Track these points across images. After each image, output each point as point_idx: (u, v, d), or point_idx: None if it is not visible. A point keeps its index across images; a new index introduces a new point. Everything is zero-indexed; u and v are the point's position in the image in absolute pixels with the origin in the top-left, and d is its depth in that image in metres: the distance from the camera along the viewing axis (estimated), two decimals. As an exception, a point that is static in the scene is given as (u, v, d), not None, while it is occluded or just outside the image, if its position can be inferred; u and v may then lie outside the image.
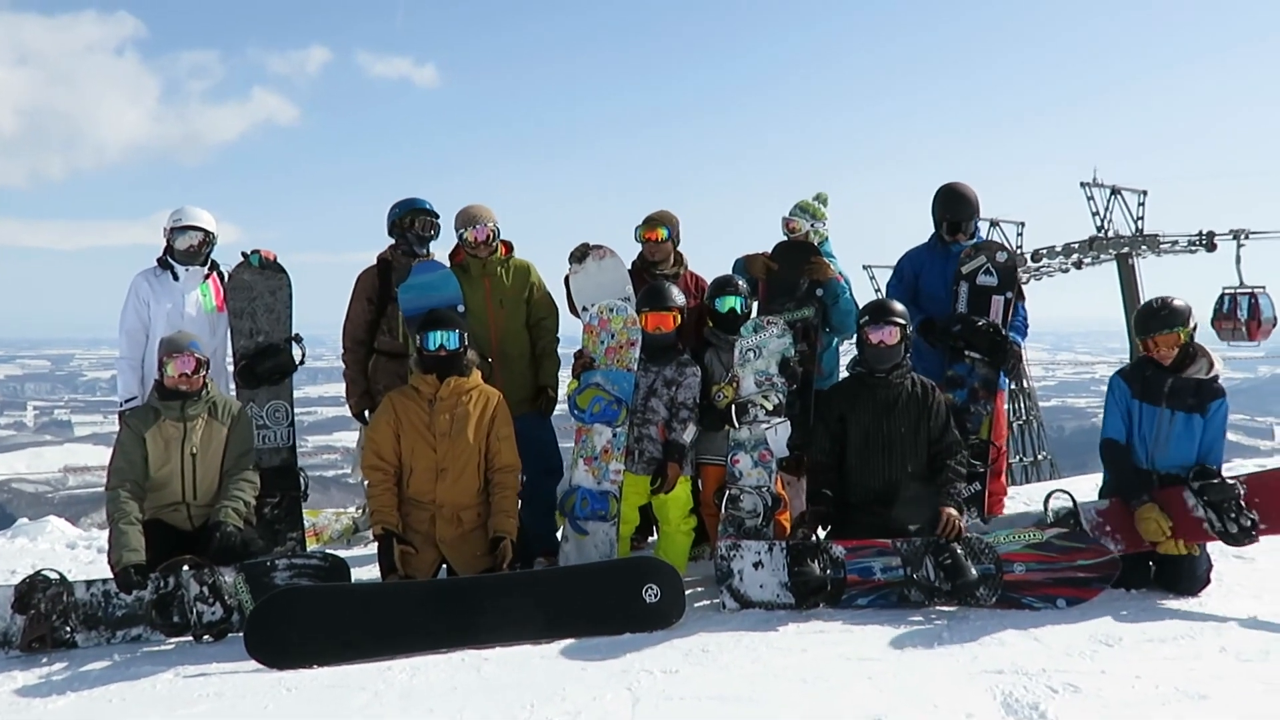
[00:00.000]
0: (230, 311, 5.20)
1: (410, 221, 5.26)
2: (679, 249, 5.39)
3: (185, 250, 5.13)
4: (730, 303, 4.93)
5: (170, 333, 4.76)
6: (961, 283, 5.16)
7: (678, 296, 4.81)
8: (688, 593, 4.22)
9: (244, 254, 5.24)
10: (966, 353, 5.09)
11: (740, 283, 4.99)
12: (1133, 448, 4.47)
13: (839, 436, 4.58)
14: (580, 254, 5.25)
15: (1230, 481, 4.25)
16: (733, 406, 4.68)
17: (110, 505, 4.29)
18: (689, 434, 4.71)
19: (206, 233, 5.16)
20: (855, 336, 4.67)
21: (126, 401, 5.03)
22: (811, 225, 5.26)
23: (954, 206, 5.28)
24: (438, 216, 5.30)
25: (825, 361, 5.30)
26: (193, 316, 5.09)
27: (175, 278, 5.12)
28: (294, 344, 5.26)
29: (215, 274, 5.26)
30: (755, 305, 5.14)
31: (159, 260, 5.17)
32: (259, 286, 5.22)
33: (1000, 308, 5.12)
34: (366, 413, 5.14)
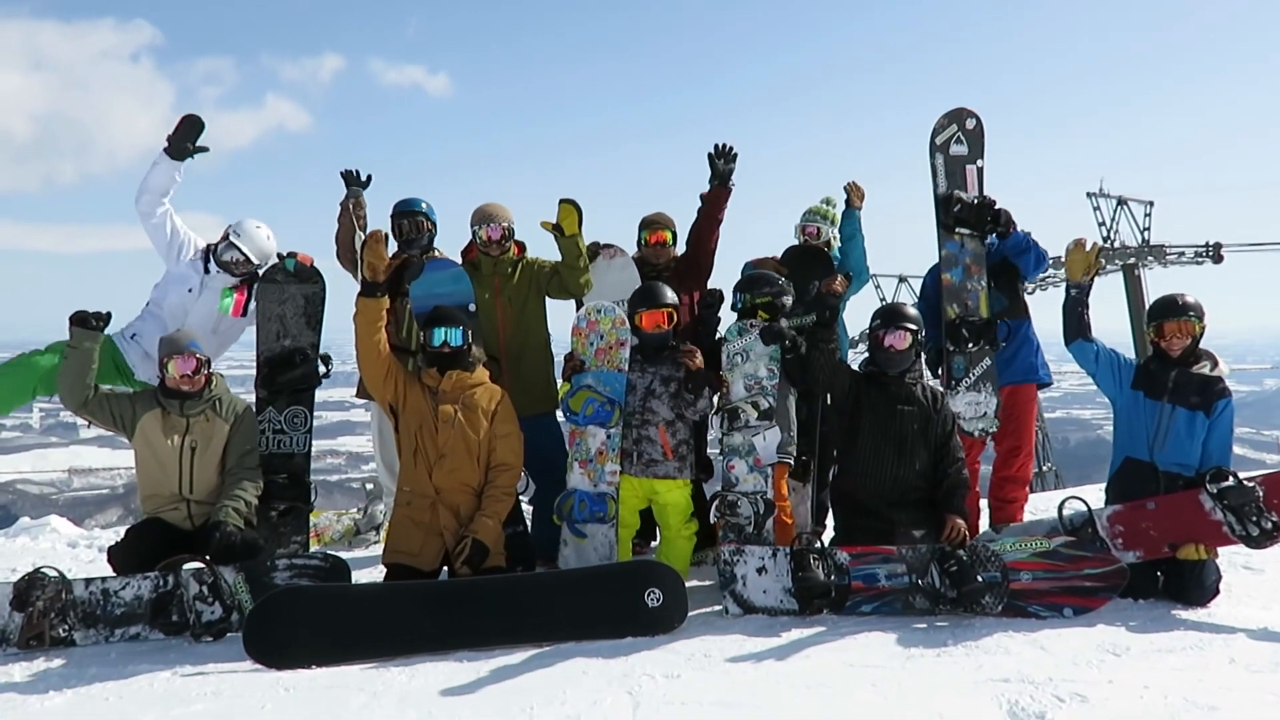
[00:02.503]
0: (259, 312, 5.14)
1: (397, 228, 5.24)
2: (676, 250, 5.39)
3: (224, 260, 5.10)
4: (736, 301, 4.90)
5: (183, 320, 4.87)
6: (937, 154, 5.23)
7: (671, 296, 4.78)
8: (690, 598, 4.18)
9: (279, 255, 5.18)
10: (957, 230, 5.12)
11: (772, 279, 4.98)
12: (1135, 442, 4.48)
13: (853, 411, 4.54)
14: (592, 253, 5.23)
15: (1248, 484, 4.21)
16: (722, 413, 4.66)
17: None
18: (702, 405, 4.66)
19: (247, 259, 5.10)
20: (869, 337, 4.63)
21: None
22: (830, 230, 5.34)
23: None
24: (426, 216, 5.26)
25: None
26: (205, 305, 5.05)
27: (207, 270, 5.11)
28: (322, 362, 5.18)
29: (247, 286, 5.18)
30: None
31: (205, 249, 5.15)
32: (291, 289, 5.14)
33: (975, 177, 5.23)
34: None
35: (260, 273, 5.16)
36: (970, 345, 5.00)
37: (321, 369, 5.19)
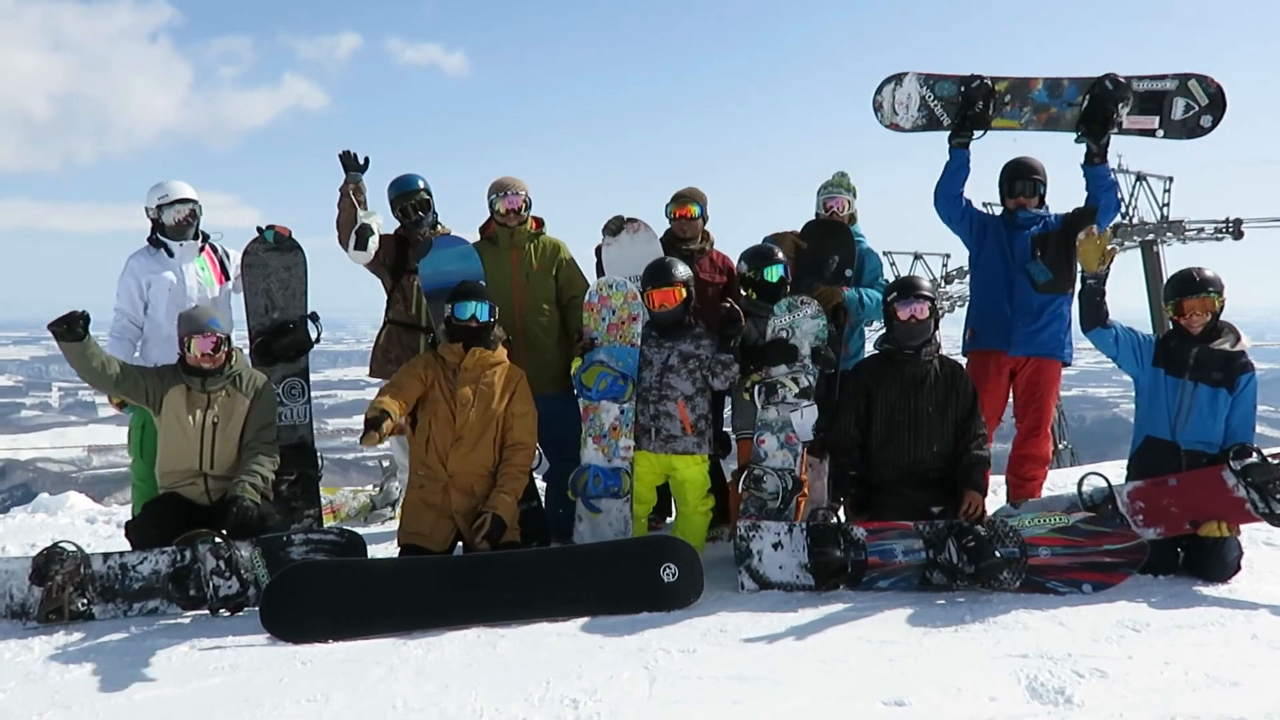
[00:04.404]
0: (245, 288, 5.16)
1: (399, 211, 5.19)
2: (707, 227, 5.32)
3: (175, 225, 5.01)
4: (779, 271, 4.89)
5: (186, 308, 4.76)
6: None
7: (682, 271, 4.72)
8: (706, 573, 4.16)
9: (259, 229, 5.18)
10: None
11: (779, 252, 4.95)
12: (1157, 420, 4.41)
13: (864, 414, 4.51)
14: (615, 227, 5.19)
15: (1272, 460, 4.15)
16: (760, 386, 4.63)
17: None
18: (734, 370, 4.65)
19: (193, 204, 5.05)
20: (883, 311, 4.60)
21: None
22: (852, 201, 5.29)
23: (1011, 170, 5.18)
24: (423, 191, 5.20)
25: (852, 343, 5.23)
26: (195, 292, 5.00)
27: (170, 254, 5.03)
28: (310, 322, 5.21)
29: (208, 246, 5.16)
30: None
31: (150, 240, 5.05)
32: (274, 263, 5.16)
33: None
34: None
35: (207, 232, 5.15)
36: None
37: (312, 332, 5.19)
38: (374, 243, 5.01)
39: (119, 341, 5.04)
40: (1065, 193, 5.27)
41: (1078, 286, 4.62)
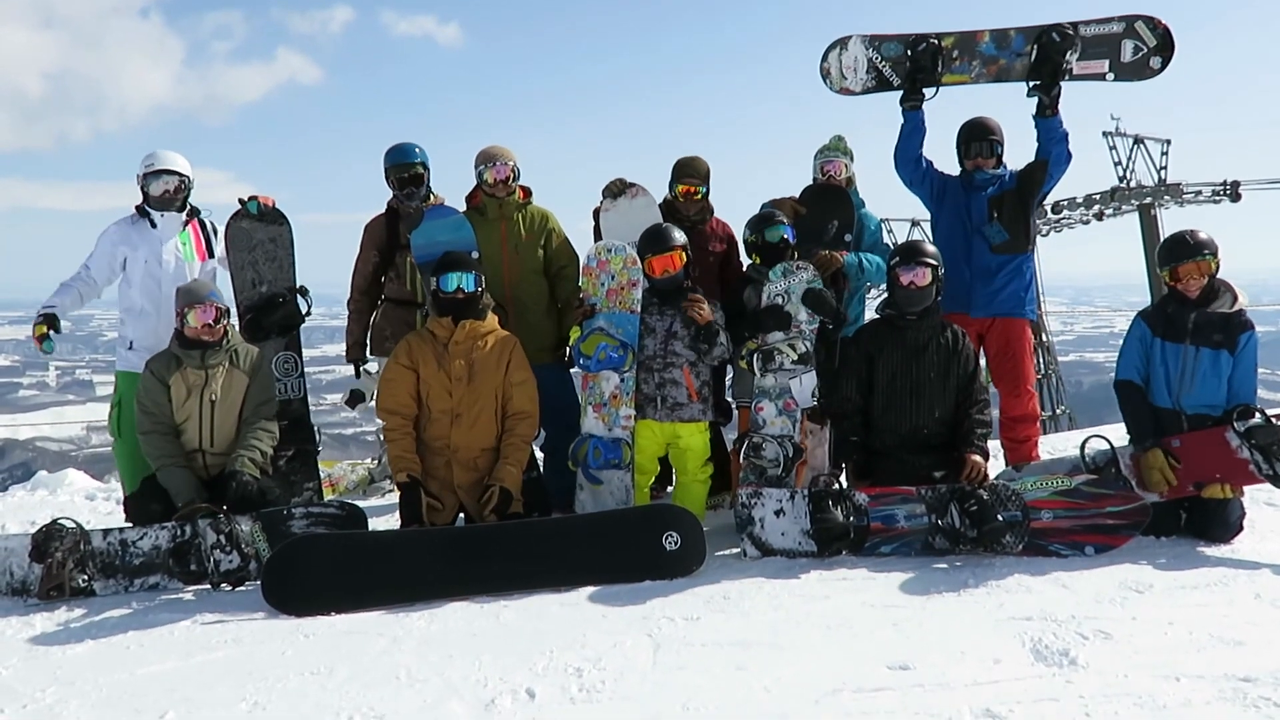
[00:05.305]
0: (231, 263, 5.08)
1: (394, 181, 5.13)
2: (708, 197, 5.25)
3: (160, 196, 4.93)
4: (781, 231, 4.81)
5: (164, 284, 4.75)
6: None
7: (679, 236, 4.67)
8: (707, 541, 4.15)
9: (241, 200, 5.09)
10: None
11: (780, 215, 4.89)
12: (1156, 388, 4.36)
13: (865, 380, 4.49)
14: (617, 189, 5.09)
15: (1277, 422, 4.13)
16: (756, 354, 4.59)
17: (149, 447, 4.36)
18: (719, 350, 4.60)
19: (181, 176, 4.96)
20: (886, 276, 4.57)
21: (44, 307, 4.89)
22: (850, 165, 5.23)
23: (966, 131, 5.13)
24: (419, 163, 5.14)
25: (851, 309, 5.20)
26: (171, 267, 4.92)
27: (153, 225, 4.94)
28: (299, 295, 5.15)
29: (195, 221, 5.06)
30: None
31: (136, 208, 4.99)
32: (259, 234, 5.08)
33: None
34: (369, 364, 5.22)
35: (197, 205, 5.08)
36: None
37: (302, 305, 5.14)
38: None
39: (66, 289, 4.94)
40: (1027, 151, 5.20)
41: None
